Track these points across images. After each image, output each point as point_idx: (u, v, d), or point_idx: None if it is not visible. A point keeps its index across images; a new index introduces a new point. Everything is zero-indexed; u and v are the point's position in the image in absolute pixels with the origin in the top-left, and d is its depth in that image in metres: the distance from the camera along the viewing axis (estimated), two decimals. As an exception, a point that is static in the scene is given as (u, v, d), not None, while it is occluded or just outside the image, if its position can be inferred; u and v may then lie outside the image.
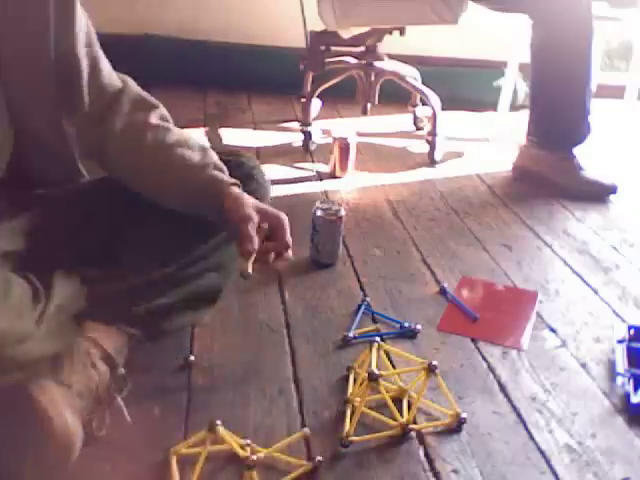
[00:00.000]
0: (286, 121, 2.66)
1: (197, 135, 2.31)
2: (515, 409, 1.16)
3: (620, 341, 1.31)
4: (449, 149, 2.37)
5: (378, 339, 1.19)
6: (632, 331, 1.34)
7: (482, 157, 2.40)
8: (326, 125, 2.51)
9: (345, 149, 2.13)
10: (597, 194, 2.09)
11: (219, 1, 2.93)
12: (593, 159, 2.18)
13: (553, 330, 1.40)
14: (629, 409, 1.17)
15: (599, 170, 2.13)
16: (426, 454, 1.05)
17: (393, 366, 1.22)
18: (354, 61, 2.44)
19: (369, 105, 2.43)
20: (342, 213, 1.60)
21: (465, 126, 2.70)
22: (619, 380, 1.22)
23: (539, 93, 2.14)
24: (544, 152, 2.12)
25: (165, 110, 1.14)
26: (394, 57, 2.46)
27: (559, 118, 2.09)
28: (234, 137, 2.42)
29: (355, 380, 1.17)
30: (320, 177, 2.16)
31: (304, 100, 2.37)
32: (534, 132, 2.16)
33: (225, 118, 2.62)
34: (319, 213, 1.59)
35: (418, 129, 2.65)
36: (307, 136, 2.35)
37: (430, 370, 1.11)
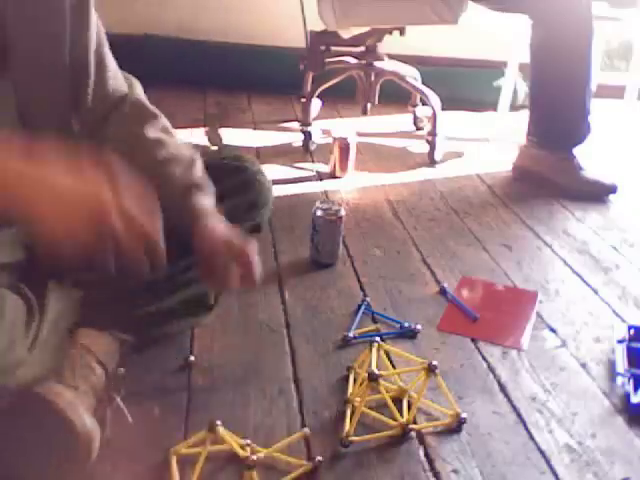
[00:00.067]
0: (286, 121, 2.66)
1: (197, 135, 2.32)
2: (515, 409, 1.16)
3: (620, 341, 1.31)
4: (449, 149, 2.37)
5: (378, 339, 1.19)
6: (632, 331, 1.34)
7: (482, 157, 2.40)
8: (326, 125, 2.51)
9: (345, 149, 2.13)
10: (597, 194, 2.09)
11: (219, 1, 2.93)
12: (593, 159, 2.18)
13: (553, 330, 1.40)
14: (629, 409, 1.17)
15: (599, 170, 2.13)
16: (426, 454, 1.05)
17: (393, 366, 1.22)
18: (354, 61, 2.44)
19: (369, 105, 2.43)
20: (342, 213, 1.60)
21: (465, 126, 2.70)
22: (619, 380, 1.22)
23: (539, 93, 2.14)
24: (544, 152, 2.12)
25: (165, 120, 1.11)
26: (394, 57, 2.46)
27: (559, 118, 2.09)
28: (234, 137, 2.42)
29: (355, 380, 1.17)
30: (320, 177, 2.16)
31: (304, 100, 2.37)
32: (534, 132, 2.16)
33: (225, 118, 2.61)
34: (319, 213, 1.59)
35: (418, 129, 2.65)
36: (307, 136, 2.34)
37: (430, 370, 1.11)
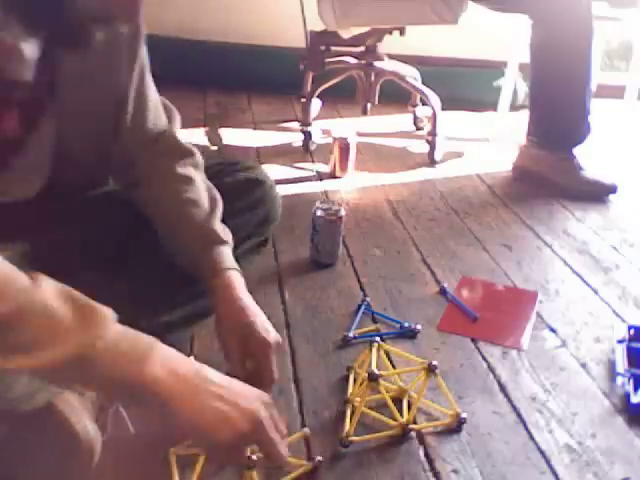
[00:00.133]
0: (286, 121, 2.66)
1: (197, 135, 2.32)
2: (515, 409, 1.16)
3: (620, 341, 1.31)
4: (449, 149, 2.37)
5: (378, 339, 1.19)
6: (632, 331, 1.34)
7: (482, 157, 2.40)
8: (326, 125, 2.51)
9: (345, 149, 2.13)
10: (597, 194, 2.09)
11: (219, 1, 2.93)
12: (593, 159, 2.18)
13: (553, 330, 1.40)
14: (629, 409, 1.17)
15: (599, 170, 2.13)
16: (426, 454, 1.05)
17: (393, 366, 1.22)
18: (354, 61, 2.44)
19: (369, 105, 2.44)
20: (342, 213, 1.60)
21: (465, 126, 2.70)
22: (619, 380, 1.22)
23: (539, 93, 2.14)
24: (544, 152, 2.12)
25: (198, 157, 1.10)
26: (394, 57, 2.46)
27: (559, 118, 2.09)
28: (234, 137, 2.42)
29: (355, 380, 1.17)
30: (320, 177, 2.16)
31: (304, 100, 2.37)
32: (534, 132, 2.16)
33: (225, 118, 2.62)
34: (319, 213, 1.59)
35: (418, 129, 2.65)
36: (307, 136, 2.34)
37: (430, 370, 1.11)
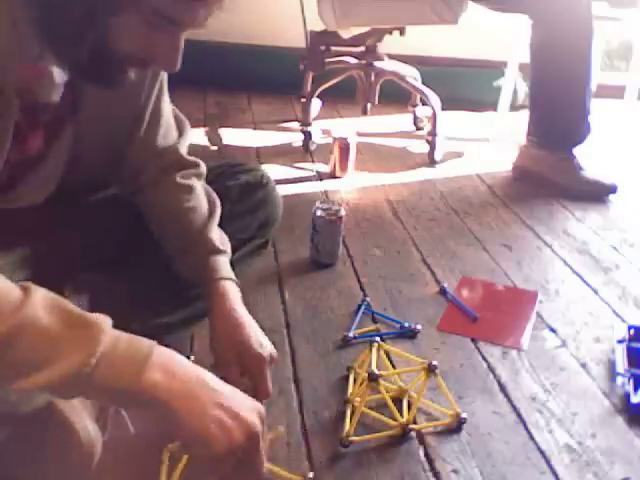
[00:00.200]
0: (286, 121, 2.66)
1: (197, 135, 2.32)
2: (515, 409, 1.16)
3: (620, 341, 1.31)
4: (449, 149, 2.37)
5: (378, 339, 1.19)
6: (632, 331, 1.34)
7: (482, 157, 2.40)
8: (326, 125, 2.51)
9: (345, 149, 2.13)
10: (597, 194, 2.09)
11: (227, 2, 2.92)
12: (593, 159, 2.18)
13: (553, 330, 1.40)
14: (629, 409, 1.17)
15: (599, 170, 2.13)
16: (426, 454, 1.05)
17: (393, 366, 1.22)
18: (354, 61, 2.44)
19: (369, 105, 2.44)
20: (342, 213, 1.60)
21: (465, 126, 2.70)
22: (619, 380, 1.22)
23: (539, 93, 2.14)
24: (544, 152, 2.12)
25: (203, 168, 1.11)
26: (394, 57, 2.46)
27: (559, 118, 2.09)
28: (234, 137, 2.42)
29: (355, 380, 1.17)
30: (320, 177, 2.16)
31: (304, 100, 2.37)
32: (534, 132, 2.16)
33: (225, 118, 2.62)
34: (319, 213, 1.59)
35: (418, 129, 2.65)
36: (307, 136, 2.35)
37: (430, 370, 1.11)
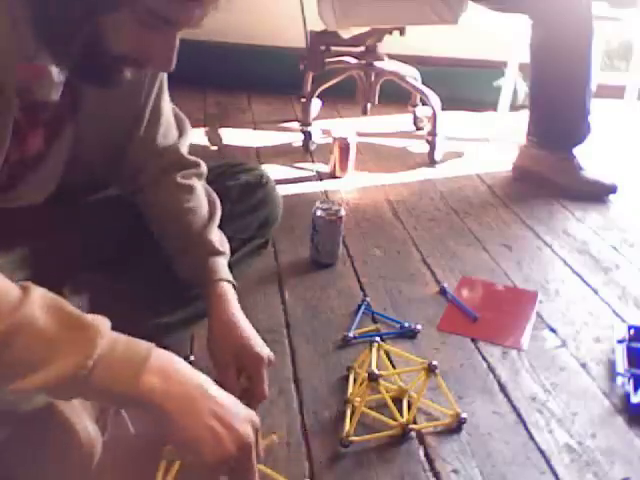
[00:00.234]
0: (286, 121, 2.66)
1: (197, 135, 2.32)
2: (515, 409, 1.16)
3: (620, 341, 1.31)
4: (449, 149, 2.37)
5: (378, 339, 1.19)
6: (632, 331, 1.34)
7: (482, 157, 2.40)
8: (326, 125, 2.51)
9: (345, 149, 2.13)
10: (597, 194, 2.09)
11: (224, 1, 2.92)
12: (593, 159, 2.18)
13: (553, 330, 1.40)
14: (629, 409, 1.17)
15: (599, 170, 2.13)
16: (426, 454, 1.05)
17: (393, 366, 1.22)
18: (354, 61, 2.44)
19: (369, 105, 2.44)
20: (342, 213, 1.60)
21: (465, 126, 2.70)
22: (619, 380, 1.22)
23: (539, 93, 2.14)
24: (544, 152, 2.12)
25: (203, 168, 1.12)
26: (394, 57, 2.46)
27: (559, 118, 2.09)
28: (234, 137, 2.42)
29: (355, 380, 1.17)
30: (320, 177, 2.16)
31: (304, 100, 2.37)
32: (534, 132, 2.16)
33: (225, 118, 2.62)
34: (319, 213, 1.59)
35: (418, 129, 2.65)
36: (307, 136, 2.35)
37: (430, 370, 1.11)
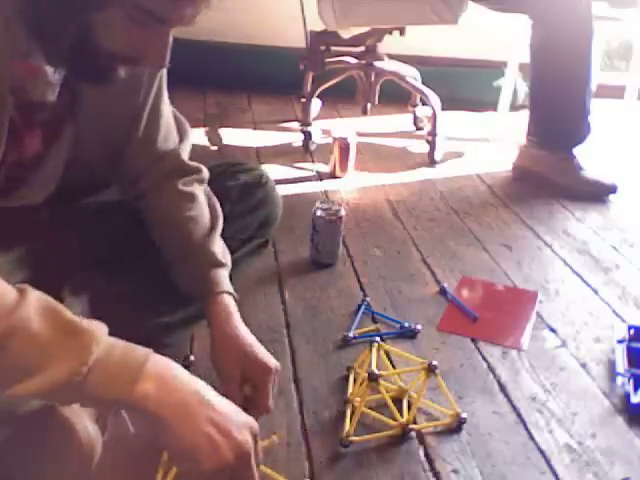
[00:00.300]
0: (286, 121, 2.66)
1: (197, 135, 2.31)
2: (515, 409, 1.16)
3: (620, 341, 1.31)
4: (449, 149, 2.37)
5: (378, 339, 1.19)
6: (632, 331, 1.34)
7: (482, 157, 2.40)
8: (326, 125, 2.51)
9: (345, 149, 2.13)
10: (597, 194, 2.09)
11: (219, 1, 2.92)
12: (593, 159, 2.18)
13: (553, 330, 1.40)
14: (629, 409, 1.17)
15: (599, 170, 2.13)
16: (426, 454, 1.05)
17: (393, 366, 1.22)
18: (354, 61, 2.44)
19: (369, 105, 2.44)
20: (342, 213, 1.60)
21: (465, 126, 2.70)
22: (619, 380, 1.22)
23: (539, 93, 2.14)
24: (544, 152, 2.12)
25: (205, 174, 1.11)
26: (394, 57, 2.46)
27: (559, 118, 2.09)
28: (234, 137, 2.42)
29: (355, 380, 1.17)
30: (320, 177, 2.16)
31: (304, 100, 2.37)
32: (534, 132, 2.16)
33: (225, 118, 2.62)
34: (319, 213, 1.59)
35: (418, 129, 2.65)
36: (307, 136, 2.35)
37: (430, 370, 1.11)
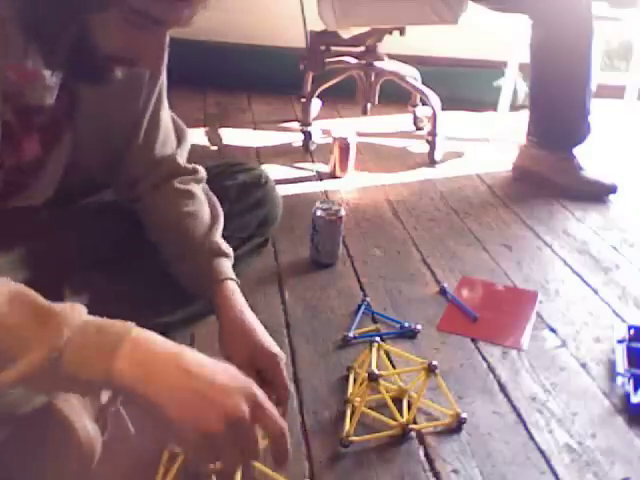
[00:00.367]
0: (286, 121, 2.66)
1: (197, 135, 2.32)
2: (515, 409, 1.16)
3: (620, 341, 1.31)
4: (449, 149, 2.37)
5: (378, 339, 1.19)
6: (632, 331, 1.34)
7: (482, 157, 2.40)
8: (326, 125, 2.51)
9: (345, 149, 2.13)
10: (597, 194, 2.09)
11: (219, 1, 2.92)
12: (593, 159, 2.18)
13: (553, 330, 1.40)
14: (629, 409, 1.17)
15: (599, 170, 2.13)
16: (426, 454, 1.05)
17: (393, 366, 1.22)
18: (354, 61, 2.44)
19: (369, 105, 2.44)
20: (342, 213, 1.60)
21: (465, 126, 2.70)
22: (619, 380, 1.22)
23: (539, 93, 2.14)
24: (544, 152, 2.12)
25: (202, 174, 1.10)
26: (394, 57, 2.46)
27: (559, 118, 2.09)
28: (234, 137, 2.42)
29: (355, 380, 1.17)
30: (320, 177, 2.16)
31: (304, 100, 2.37)
32: (534, 132, 2.16)
33: (225, 118, 2.62)
34: (319, 213, 1.59)
35: (418, 129, 2.65)
36: (307, 136, 2.34)
37: (430, 370, 1.11)
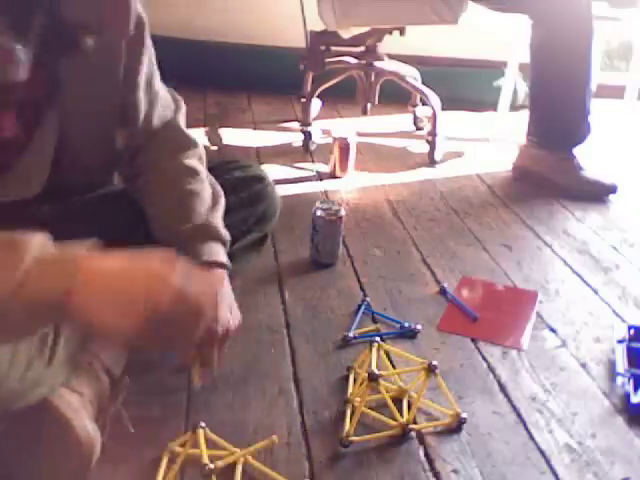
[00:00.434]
0: (286, 121, 2.66)
1: (197, 135, 2.31)
2: (515, 409, 1.16)
3: (620, 341, 1.31)
4: (449, 149, 2.37)
5: (378, 339, 1.19)
6: (632, 331, 1.34)
7: (482, 157, 2.40)
8: (326, 125, 2.51)
9: (345, 149, 2.13)
10: (597, 194, 2.09)
11: (219, 1, 2.93)
12: (593, 159, 2.18)
13: (553, 330, 1.40)
14: (629, 409, 1.17)
15: (599, 170, 2.13)
16: (426, 454, 1.05)
17: (393, 366, 1.22)
18: (354, 61, 2.44)
19: (369, 105, 2.44)
20: (342, 213, 1.60)
21: (465, 126, 2.70)
22: (619, 380, 1.22)
23: (539, 93, 2.14)
24: (544, 152, 2.12)
25: (201, 149, 1.14)
26: (394, 57, 2.46)
27: (559, 118, 2.09)
28: (234, 137, 2.42)
29: (355, 380, 1.17)
30: (320, 177, 2.16)
31: (304, 100, 2.37)
32: (534, 132, 2.16)
33: (225, 118, 2.62)
34: (319, 213, 1.59)
35: (418, 129, 2.65)
36: (307, 136, 2.35)
37: (430, 370, 1.11)
